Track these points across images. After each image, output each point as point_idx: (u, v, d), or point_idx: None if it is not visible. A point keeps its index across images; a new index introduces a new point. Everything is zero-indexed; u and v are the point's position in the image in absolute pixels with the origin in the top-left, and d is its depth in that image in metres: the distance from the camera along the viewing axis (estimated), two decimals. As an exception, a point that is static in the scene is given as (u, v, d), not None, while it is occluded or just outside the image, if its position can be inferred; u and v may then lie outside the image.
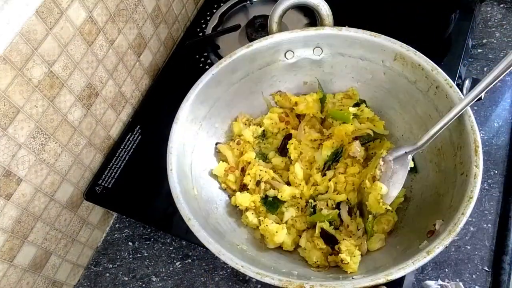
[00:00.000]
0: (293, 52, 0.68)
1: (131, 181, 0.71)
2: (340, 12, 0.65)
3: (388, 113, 0.67)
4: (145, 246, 0.73)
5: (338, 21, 0.65)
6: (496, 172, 0.71)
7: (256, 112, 0.71)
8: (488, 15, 0.85)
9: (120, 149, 0.74)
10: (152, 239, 0.74)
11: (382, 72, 0.65)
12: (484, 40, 0.82)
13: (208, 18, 0.86)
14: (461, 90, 0.62)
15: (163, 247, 0.73)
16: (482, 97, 0.59)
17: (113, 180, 0.71)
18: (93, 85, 0.67)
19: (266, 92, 0.70)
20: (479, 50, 0.82)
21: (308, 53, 0.67)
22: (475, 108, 0.76)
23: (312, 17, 0.83)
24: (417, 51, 0.61)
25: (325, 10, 0.65)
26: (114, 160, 0.73)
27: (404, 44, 0.62)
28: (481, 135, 0.70)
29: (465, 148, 0.54)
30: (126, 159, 0.73)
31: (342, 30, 0.65)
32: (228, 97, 0.67)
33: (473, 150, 0.52)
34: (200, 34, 0.86)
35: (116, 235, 0.76)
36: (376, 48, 0.63)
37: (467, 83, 0.67)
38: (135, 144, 0.74)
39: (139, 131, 0.75)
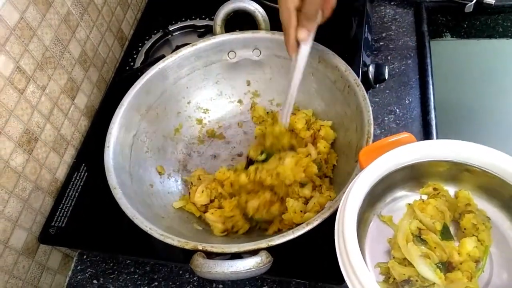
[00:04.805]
0: (235, 53, 0.74)
1: (84, 216, 0.72)
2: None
3: (317, 111, 0.73)
4: (110, 280, 0.74)
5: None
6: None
7: (206, 98, 0.79)
8: (383, 13, 0.98)
9: (69, 189, 0.74)
10: (116, 272, 0.74)
11: (311, 73, 0.71)
12: (384, 34, 0.94)
13: (135, 56, 0.90)
14: (367, 74, 0.75)
15: (128, 277, 0.73)
16: (386, 78, 0.75)
17: (66, 219, 0.72)
18: (31, 131, 0.68)
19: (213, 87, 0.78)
20: (381, 43, 0.93)
21: (248, 53, 0.74)
22: (387, 91, 0.85)
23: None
24: (335, 54, 0.67)
25: (261, 16, 0.71)
26: (64, 200, 0.73)
27: (325, 47, 0.68)
28: (397, 111, 0.82)
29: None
30: (76, 197, 0.74)
31: (275, 34, 0.71)
32: (176, 89, 0.75)
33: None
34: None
35: (79, 277, 0.76)
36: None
37: (371, 68, 0.77)
38: (82, 182, 0.75)
39: (85, 169, 0.76)
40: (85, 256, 0.78)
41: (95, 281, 0.74)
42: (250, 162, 0.68)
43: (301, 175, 0.61)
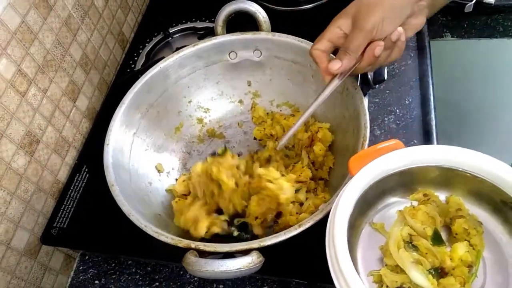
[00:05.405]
0: (236, 53, 0.75)
1: (85, 217, 0.73)
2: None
3: (316, 113, 0.73)
4: (112, 281, 0.74)
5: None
6: (416, 141, 0.78)
7: (207, 98, 0.79)
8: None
9: (70, 190, 0.75)
10: (118, 272, 0.75)
11: (310, 75, 0.71)
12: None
13: (136, 58, 0.91)
14: (366, 74, 0.71)
15: (129, 278, 0.74)
16: (385, 78, 0.72)
17: (68, 220, 0.73)
18: (32, 133, 0.69)
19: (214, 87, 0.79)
20: (381, 44, 0.92)
21: (249, 54, 0.75)
22: (387, 91, 0.84)
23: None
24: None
25: (262, 17, 0.72)
26: (65, 201, 0.74)
27: None
28: (397, 111, 0.81)
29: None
30: (78, 198, 0.75)
31: (276, 35, 0.71)
32: (177, 88, 0.75)
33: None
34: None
35: (81, 277, 0.76)
36: (304, 53, 0.68)
37: (369, 71, 0.76)
38: (84, 183, 0.76)
39: (86, 170, 0.77)
40: (87, 257, 0.78)
41: (97, 282, 0.75)
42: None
43: (271, 208, 0.60)
